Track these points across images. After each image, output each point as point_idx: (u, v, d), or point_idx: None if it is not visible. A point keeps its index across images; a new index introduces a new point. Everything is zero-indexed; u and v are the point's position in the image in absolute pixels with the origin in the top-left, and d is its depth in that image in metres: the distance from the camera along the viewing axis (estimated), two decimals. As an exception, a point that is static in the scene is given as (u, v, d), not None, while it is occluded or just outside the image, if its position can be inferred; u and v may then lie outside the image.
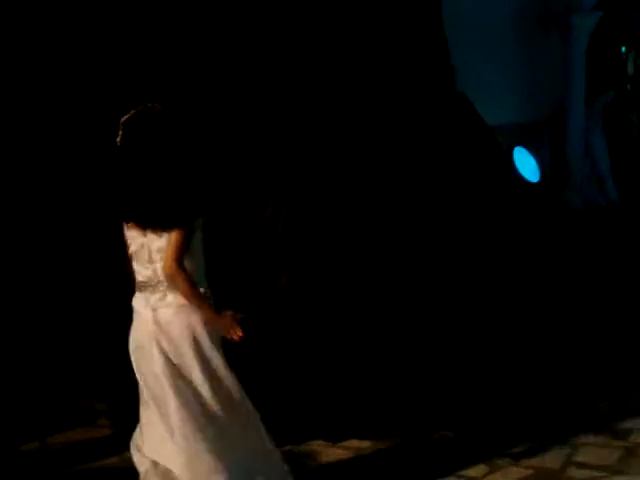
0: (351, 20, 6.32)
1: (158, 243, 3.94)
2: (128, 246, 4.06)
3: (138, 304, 4.09)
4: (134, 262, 4.06)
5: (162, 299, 4.00)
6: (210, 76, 6.36)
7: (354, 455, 5.22)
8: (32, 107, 6.33)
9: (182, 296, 3.94)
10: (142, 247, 4.00)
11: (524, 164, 7.65)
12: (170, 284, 3.94)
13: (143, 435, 4.18)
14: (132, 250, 4.05)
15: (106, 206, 4.19)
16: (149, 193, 3.91)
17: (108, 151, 4.06)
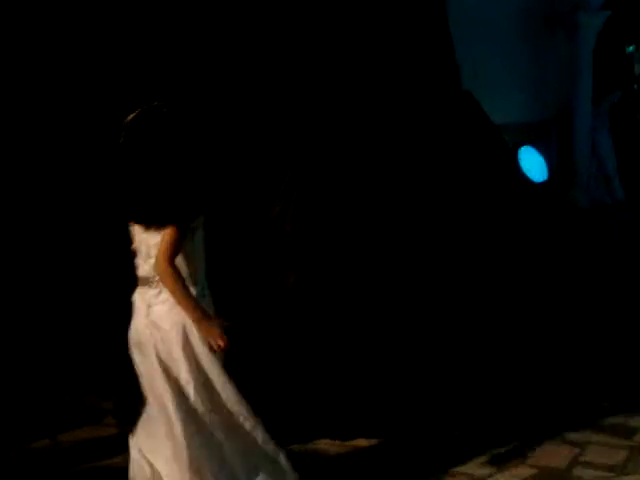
0: (355, 17, 6.33)
1: (156, 240, 3.94)
2: (132, 241, 4.09)
3: (137, 299, 4.10)
4: (136, 257, 4.09)
5: (158, 295, 4.00)
6: (215, 75, 6.37)
7: (361, 454, 5.23)
8: (35, 107, 6.34)
9: (170, 293, 3.92)
10: (142, 243, 4.02)
11: (531, 163, 7.66)
12: (160, 280, 3.93)
13: (144, 431, 4.19)
14: (134, 245, 4.08)
15: (109, 203, 4.20)
16: (148, 191, 3.91)
17: (111, 149, 4.08)
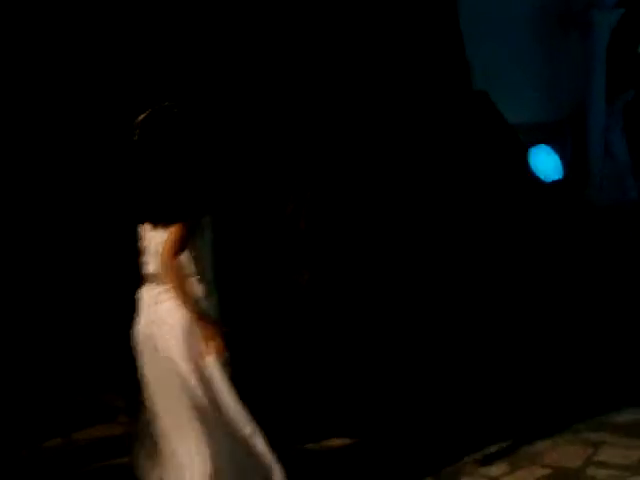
0: (363, 17, 6.33)
1: (163, 237, 3.97)
2: (141, 239, 4.12)
3: (144, 295, 4.13)
4: (145, 254, 4.12)
5: (164, 292, 4.03)
6: (224, 75, 6.37)
7: (373, 451, 5.23)
8: (41, 107, 6.34)
9: (171, 288, 3.95)
10: (150, 240, 4.06)
11: (546, 162, 7.63)
12: (162, 274, 3.97)
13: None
14: (142, 243, 4.11)
15: (118, 201, 4.21)
16: (157, 190, 3.95)
17: (121, 148, 4.10)
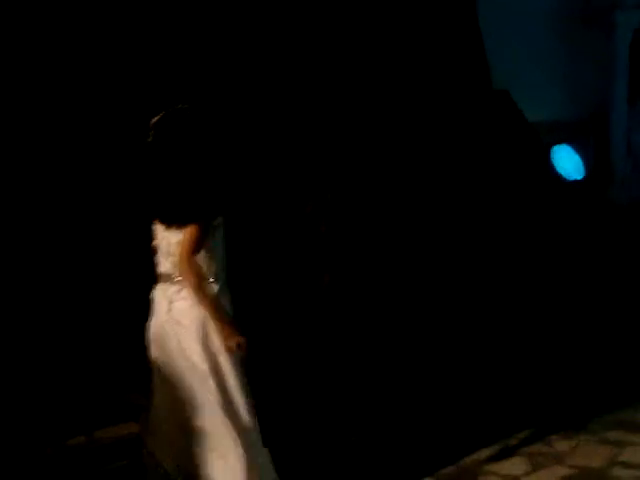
0: (382, 16, 6.32)
1: (177, 237, 4.03)
2: (154, 238, 4.16)
3: (158, 295, 4.19)
4: (158, 255, 4.16)
5: (179, 292, 4.08)
6: (245, 75, 6.36)
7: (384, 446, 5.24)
8: (58, 109, 6.33)
9: (190, 288, 3.99)
10: (163, 240, 4.10)
11: (568, 161, 7.61)
12: (181, 275, 4.02)
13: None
14: (156, 242, 4.16)
15: (133, 201, 4.24)
16: (173, 191, 4.00)
17: (136, 150, 4.12)
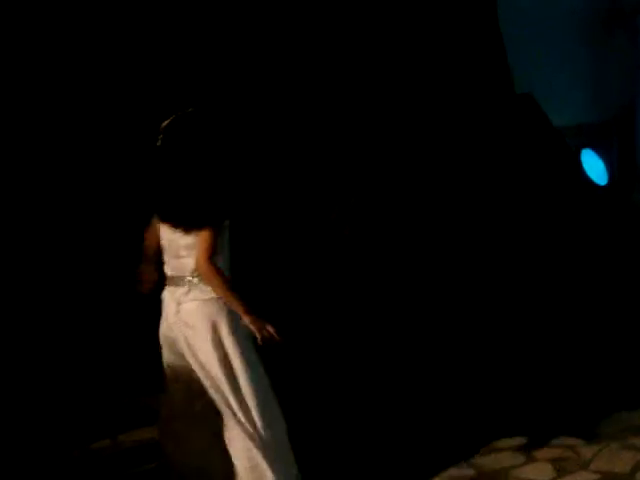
0: (401, 20, 6.31)
1: (186, 240, 4.07)
2: (159, 240, 4.19)
3: (166, 297, 4.23)
4: (164, 256, 4.20)
5: (187, 293, 4.12)
6: (264, 80, 6.37)
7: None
8: (66, 113, 6.36)
9: (215, 290, 4.04)
10: (171, 242, 4.14)
11: (592, 166, 7.59)
12: (204, 279, 4.05)
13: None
14: (162, 245, 4.20)
15: (143, 204, 4.28)
16: (185, 195, 4.03)
17: (146, 154, 4.16)
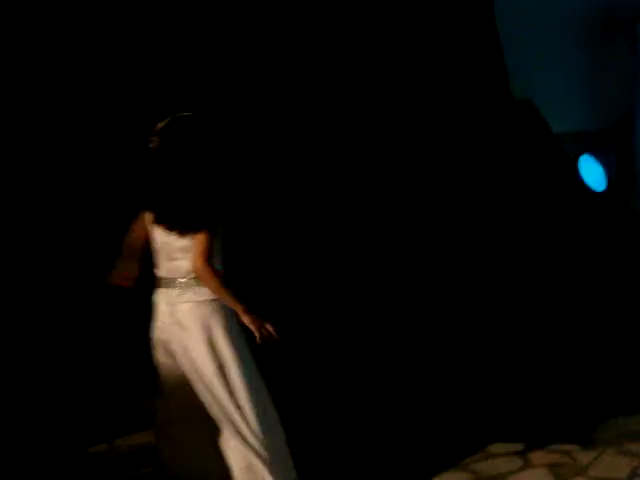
0: (396, 24, 6.32)
1: (180, 243, 4.08)
2: (147, 239, 4.22)
3: (159, 299, 4.24)
4: (156, 258, 4.21)
5: (180, 295, 4.13)
6: (256, 82, 6.36)
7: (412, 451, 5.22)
8: (61, 115, 6.33)
9: (214, 292, 4.06)
10: (164, 245, 4.15)
11: (590, 173, 7.59)
12: (202, 281, 4.06)
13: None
14: (155, 247, 4.20)
15: (136, 205, 4.30)
16: (180, 197, 4.04)
17: (141, 156, 4.16)
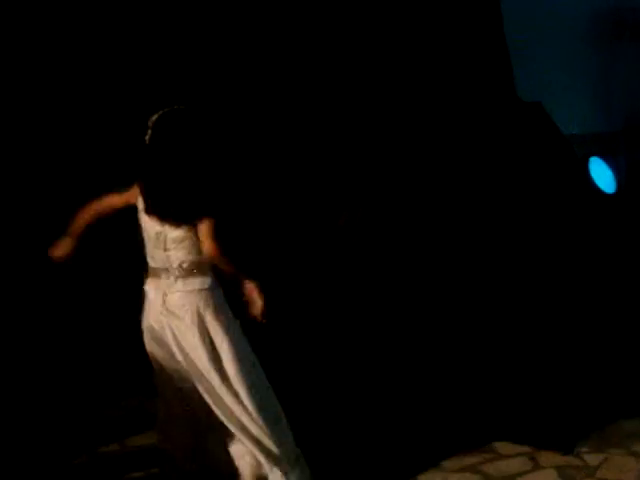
0: (401, 26, 6.32)
1: (175, 233, 4.12)
2: (142, 232, 4.23)
3: (150, 289, 4.27)
4: (146, 248, 4.24)
5: (172, 285, 4.18)
6: (262, 81, 6.37)
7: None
8: (55, 109, 6.34)
9: (227, 273, 4.14)
10: (158, 235, 4.17)
11: (600, 175, 7.59)
12: (219, 265, 4.13)
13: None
14: (145, 236, 4.23)
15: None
16: (175, 189, 4.07)
17: (136, 148, 4.19)
